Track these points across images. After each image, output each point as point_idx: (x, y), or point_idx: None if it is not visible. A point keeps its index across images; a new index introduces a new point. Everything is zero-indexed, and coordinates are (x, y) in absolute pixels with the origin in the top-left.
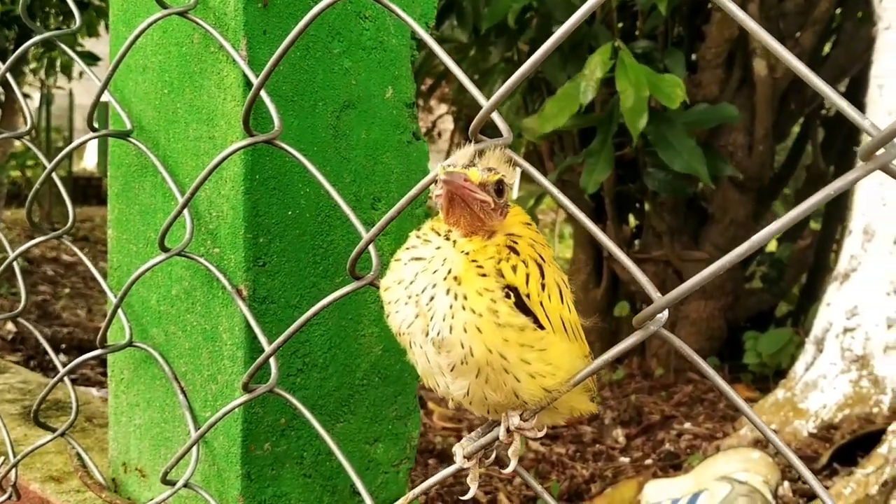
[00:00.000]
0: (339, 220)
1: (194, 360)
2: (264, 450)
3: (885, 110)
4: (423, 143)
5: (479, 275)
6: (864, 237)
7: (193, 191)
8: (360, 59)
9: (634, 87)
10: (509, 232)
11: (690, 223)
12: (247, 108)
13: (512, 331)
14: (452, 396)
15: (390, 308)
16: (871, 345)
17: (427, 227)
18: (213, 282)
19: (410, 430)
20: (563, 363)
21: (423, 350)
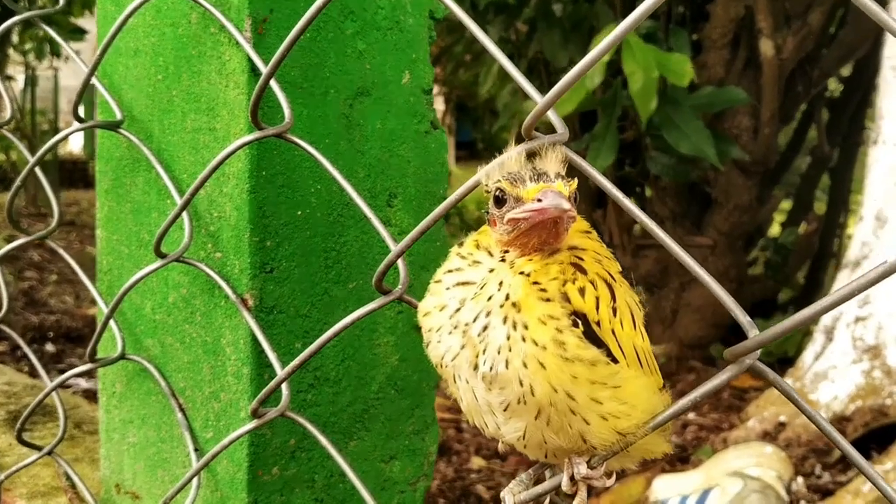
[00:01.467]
0: (353, 220)
1: (194, 376)
2: (272, 474)
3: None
4: (441, 133)
5: (541, 300)
6: (875, 223)
7: (194, 191)
8: (374, 40)
9: (643, 69)
10: (571, 245)
11: (693, 208)
12: (255, 99)
13: (581, 366)
14: (504, 438)
15: (430, 336)
16: (883, 334)
17: (470, 244)
18: (215, 289)
19: (428, 445)
20: (640, 402)
21: (469, 385)
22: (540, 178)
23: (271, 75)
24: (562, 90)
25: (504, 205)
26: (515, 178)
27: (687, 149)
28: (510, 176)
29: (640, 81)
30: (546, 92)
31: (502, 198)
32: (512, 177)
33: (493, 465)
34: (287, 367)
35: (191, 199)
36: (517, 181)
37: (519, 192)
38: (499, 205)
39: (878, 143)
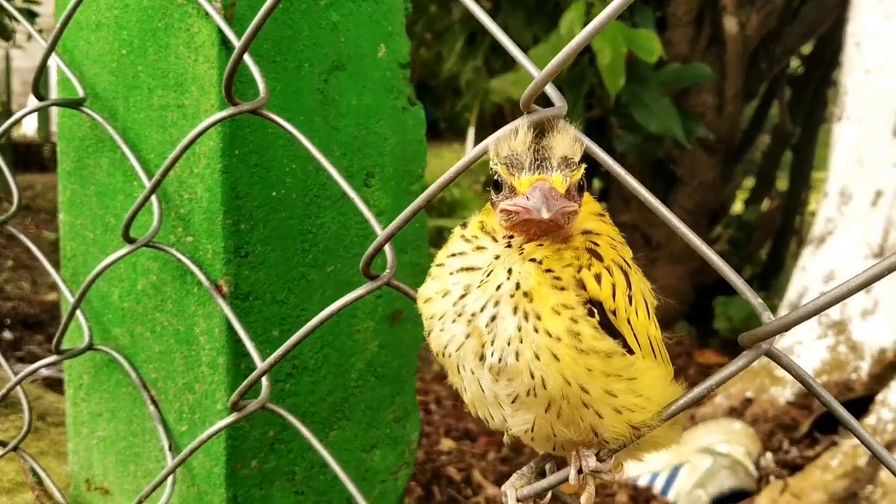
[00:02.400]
0: (329, 201)
1: (166, 366)
2: (251, 468)
3: (863, 69)
4: (418, 109)
5: (555, 288)
6: (840, 199)
7: (163, 172)
8: (349, 11)
9: (611, 45)
10: (585, 229)
11: (658, 186)
12: (228, 74)
13: (597, 358)
14: (510, 431)
15: (432, 324)
16: (848, 310)
17: (475, 226)
18: (188, 275)
19: (409, 433)
20: (655, 394)
21: (474, 376)
22: (541, 165)
23: (245, 49)
24: (560, 63)
25: (500, 191)
26: (514, 162)
27: (655, 127)
28: (510, 159)
29: (609, 57)
30: (509, 71)
31: (499, 183)
32: (511, 160)
33: (463, 447)
34: (269, 359)
35: (160, 181)
36: (514, 167)
37: (513, 182)
38: (496, 190)
39: (842, 120)
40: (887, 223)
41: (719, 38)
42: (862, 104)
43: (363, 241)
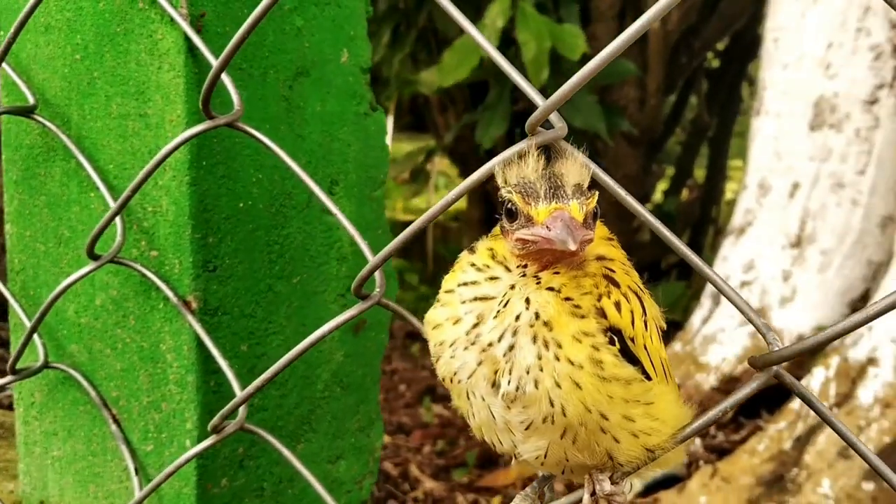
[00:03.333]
0: (295, 211)
1: (129, 385)
2: (221, 486)
3: (781, 64)
4: (380, 115)
5: (574, 316)
6: (759, 191)
7: (135, 188)
8: (312, 16)
9: (536, 39)
10: (598, 255)
11: None
12: (207, 87)
13: (618, 385)
14: (520, 456)
15: (442, 350)
16: (768, 298)
17: (484, 253)
18: (152, 290)
19: (373, 441)
20: (670, 417)
21: (484, 403)
22: (555, 193)
23: (227, 61)
24: (567, 93)
25: (515, 219)
26: (529, 192)
27: (579, 123)
28: (524, 187)
29: (533, 51)
30: (436, 63)
31: (514, 211)
32: (525, 189)
33: (398, 441)
34: (252, 385)
35: (131, 196)
36: (530, 197)
37: (530, 211)
38: (510, 218)
39: (760, 114)
40: (804, 214)
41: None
42: (780, 99)
43: (327, 250)
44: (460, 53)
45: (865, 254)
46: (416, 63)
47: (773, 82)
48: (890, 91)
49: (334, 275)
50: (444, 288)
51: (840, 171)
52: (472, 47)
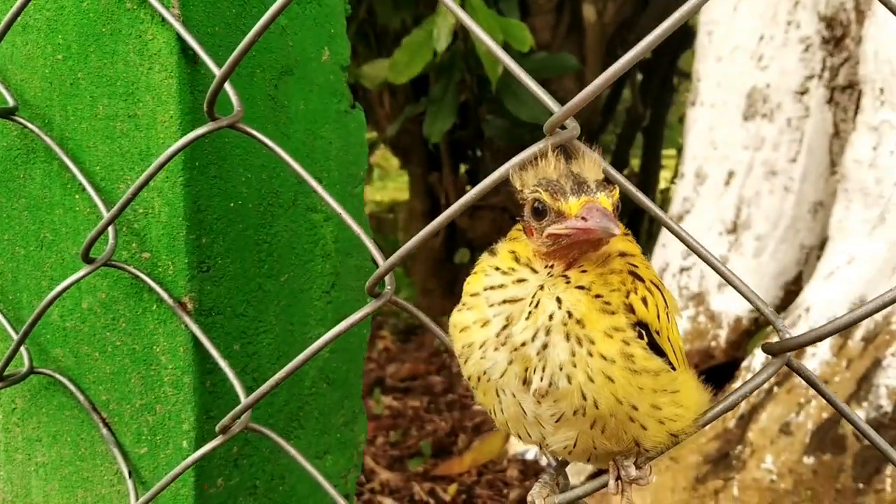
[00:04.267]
0: (282, 209)
1: (120, 388)
2: (217, 486)
3: (714, 56)
4: (359, 112)
5: (605, 312)
6: (696, 180)
7: (137, 189)
8: (295, 15)
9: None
10: (620, 251)
11: None
12: (213, 90)
13: (647, 377)
14: (549, 447)
15: (470, 351)
16: (706, 282)
17: (506, 256)
18: (144, 292)
19: (357, 435)
20: (692, 403)
21: (515, 399)
22: (581, 189)
23: (235, 65)
24: (583, 99)
25: (544, 217)
26: (555, 189)
27: (525, 115)
28: (549, 185)
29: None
30: (378, 55)
31: (542, 209)
32: (551, 187)
33: None
34: (259, 390)
35: (132, 198)
36: (558, 193)
37: (561, 207)
38: (538, 216)
39: (696, 105)
40: (739, 201)
41: (579, 25)
42: (714, 90)
43: (312, 247)
44: (412, 50)
45: (798, 238)
46: (355, 56)
47: (708, 74)
48: (819, 82)
49: (319, 272)
50: (468, 291)
51: (773, 159)
52: (424, 44)
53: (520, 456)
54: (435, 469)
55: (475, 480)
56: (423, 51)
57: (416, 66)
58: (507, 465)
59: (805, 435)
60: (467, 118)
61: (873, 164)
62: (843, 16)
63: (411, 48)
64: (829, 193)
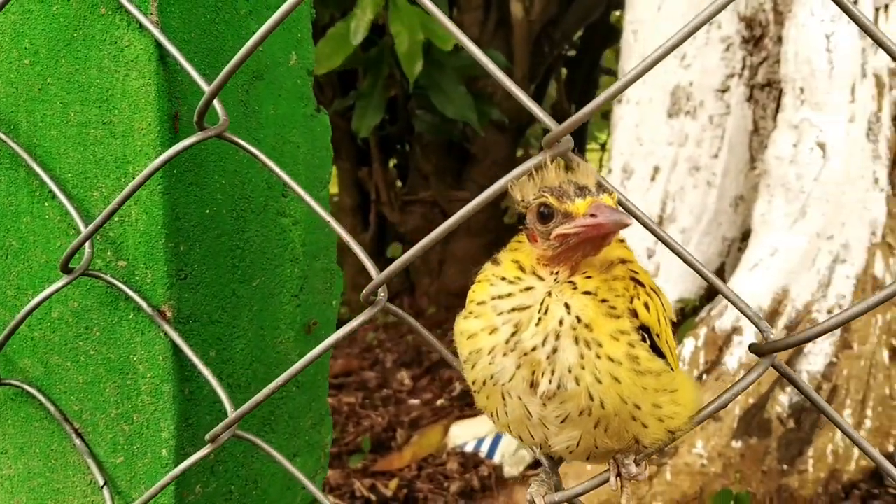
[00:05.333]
0: (254, 214)
1: (94, 397)
2: (196, 493)
3: (640, 55)
4: (324, 116)
5: (611, 316)
6: (623, 175)
7: (125, 198)
8: (266, 20)
9: (409, 30)
10: (620, 258)
11: (453, 164)
12: (205, 101)
13: (651, 377)
14: (552, 448)
15: (478, 357)
16: None
17: (511, 266)
18: (120, 301)
19: (324, 437)
20: (689, 402)
21: (521, 402)
22: (583, 192)
23: (227, 78)
24: (581, 118)
25: (550, 220)
26: (560, 193)
27: (452, 113)
28: (553, 190)
29: (406, 43)
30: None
31: (548, 213)
32: (556, 191)
33: None
34: (250, 402)
35: (118, 207)
36: (563, 196)
37: (568, 208)
38: (544, 220)
39: (622, 102)
40: (665, 195)
41: (506, 22)
42: (640, 88)
43: (282, 252)
44: (333, 42)
45: (720, 231)
46: None
47: None
48: (739, 80)
49: (288, 276)
50: (473, 300)
51: (696, 154)
52: (346, 36)
53: (459, 449)
54: (375, 465)
55: (416, 475)
56: (344, 44)
57: (337, 58)
58: (447, 458)
59: (733, 420)
60: (396, 113)
61: (794, 161)
62: (762, 16)
63: (334, 40)
64: (748, 188)
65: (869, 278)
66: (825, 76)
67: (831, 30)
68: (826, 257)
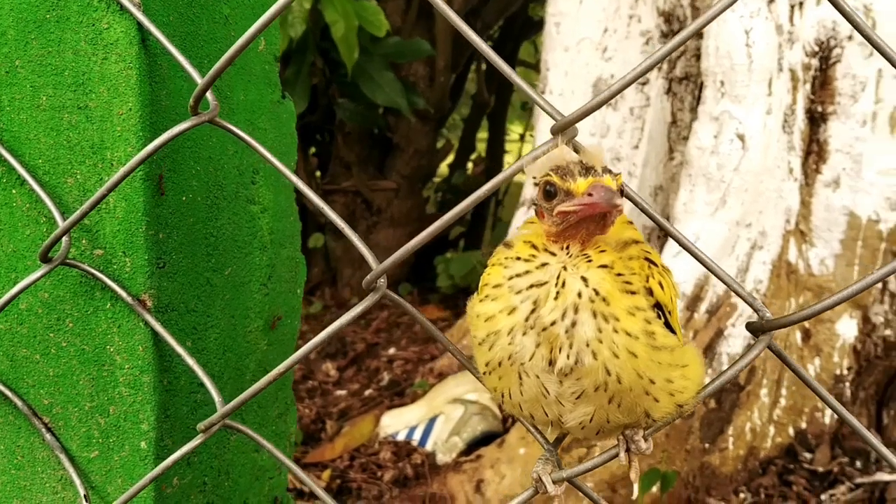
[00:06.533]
0: (226, 201)
1: (66, 391)
2: (173, 486)
3: (562, 47)
4: (289, 102)
5: (627, 292)
6: None
7: (112, 186)
8: (237, 4)
9: (344, 17)
10: (632, 238)
11: (376, 153)
12: (199, 91)
13: (666, 353)
14: (565, 424)
15: (496, 339)
16: None
17: (524, 246)
18: (96, 291)
19: (290, 426)
20: (697, 376)
21: (538, 380)
22: (588, 173)
23: (231, 61)
24: (588, 110)
25: (554, 198)
26: (565, 172)
27: (382, 100)
28: (559, 170)
29: (342, 30)
30: None
31: (553, 191)
32: (561, 171)
33: None
34: (242, 395)
35: (104, 197)
36: (567, 175)
37: (569, 186)
38: (548, 198)
39: (545, 94)
40: None
41: (428, 10)
42: (562, 79)
43: (252, 240)
44: None
45: (640, 220)
46: None
47: (556, 64)
48: (658, 73)
49: (257, 264)
50: (489, 283)
51: (617, 145)
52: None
53: (391, 438)
54: (306, 457)
55: (348, 465)
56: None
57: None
58: (380, 447)
59: None
60: (317, 102)
61: (715, 151)
62: (680, 11)
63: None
64: (667, 178)
65: (783, 264)
66: (744, 70)
67: (750, 25)
68: (745, 244)
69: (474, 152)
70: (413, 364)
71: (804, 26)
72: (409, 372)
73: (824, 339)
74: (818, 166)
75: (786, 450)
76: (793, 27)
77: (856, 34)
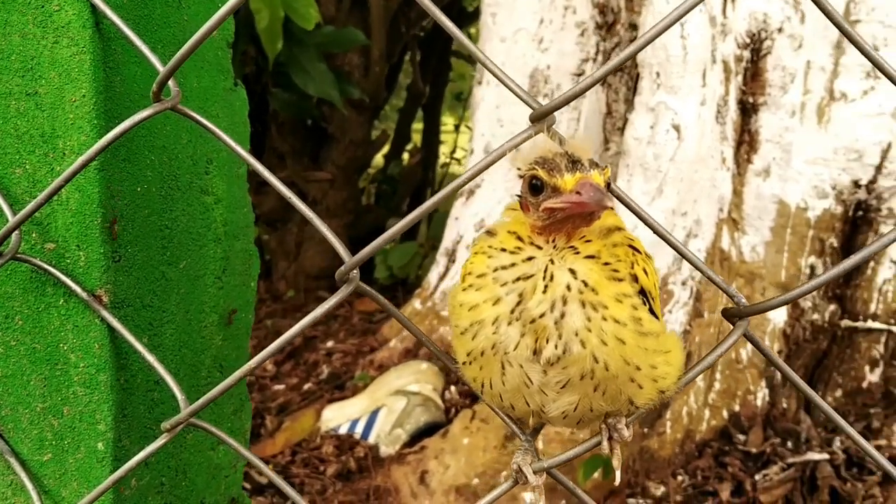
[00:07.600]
0: (180, 192)
1: (15, 391)
2: (132, 487)
3: (499, 37)
4: (242, 90)
5: (614, 280)
6: (484, 156)
7: (68, 177)
8: None
9: (269, 8)
10: (616, 225)
11: (310, 144)
12: (162, 78)
13: (651, 339)
14: (548, 414)
15: (480, 328)
16: None
17: (508, 237)
18: (48, 287)
19: (244, 423)
20: (678, 362)
21: (521, 371)
22: (575, 167)
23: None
24: (567, 99)
25: (540, 193)
26: (551, 166)
27: (314, 90)
28: (545, 163)
29: (266, 20)
30: None
31: (539, 185)
32: (548, 165)
33: None
34: (215, 390)
35: (64, 184)
36: (554, 170)
37: (557, 182)
38: (534, 192)
39: (482, 84)
40: None
41: (362, 0)
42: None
43: (206, 232)
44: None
45: None
46: None
47: (493, 54)
48: (594, 64)
49: (212, 256)
50: (472, 272)
51: None
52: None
53: (333, 432)
54: None
55: (290, 460)
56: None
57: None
58: (322, 441)
59: None
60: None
61: (651, 142)
62: (615, 3)
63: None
64: None
65: (717, 251)
66: (680, 61)
67: (685, 17)
68: (680, 232)
69: (410, 143)
70: (352, 356)
71: (736, 18)
72: (349, 365)
73: (756, 323)
74: (749, 156)
75: (721, 432)
76: (725, 19)
77: (786, 26)
